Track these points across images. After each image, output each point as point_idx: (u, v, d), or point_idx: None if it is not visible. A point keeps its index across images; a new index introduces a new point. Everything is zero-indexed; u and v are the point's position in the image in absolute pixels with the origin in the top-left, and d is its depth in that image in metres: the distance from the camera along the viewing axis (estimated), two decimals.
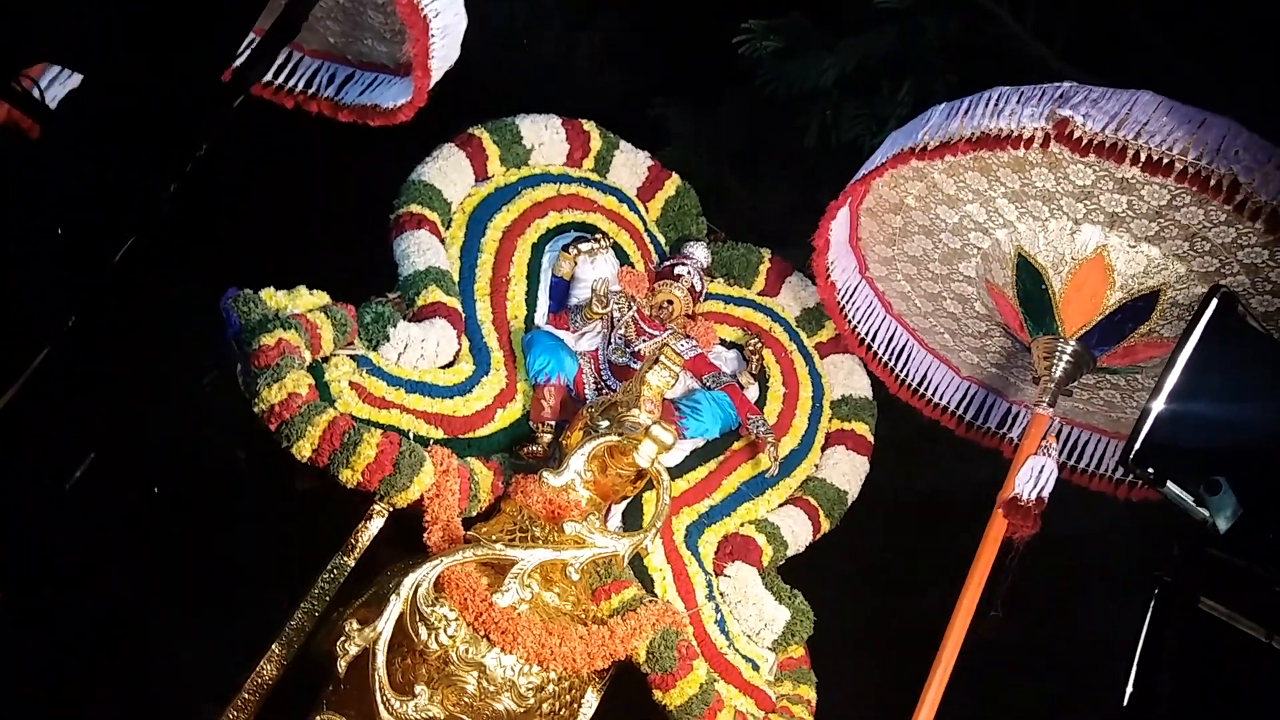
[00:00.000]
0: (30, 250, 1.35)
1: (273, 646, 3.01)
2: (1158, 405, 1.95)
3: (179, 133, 1.36)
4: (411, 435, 3.20)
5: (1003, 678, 4.12)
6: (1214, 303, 2.04)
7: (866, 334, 3.99)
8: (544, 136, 3.93)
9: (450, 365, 3.48)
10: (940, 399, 4.09)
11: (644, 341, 3.70)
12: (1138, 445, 1.93)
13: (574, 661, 2.98)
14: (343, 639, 2.79)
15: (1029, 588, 3.24)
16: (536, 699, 2.97)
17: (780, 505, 3.77)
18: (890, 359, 4.03)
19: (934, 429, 4.29)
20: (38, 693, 3.03)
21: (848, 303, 3.92)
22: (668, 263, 3.94)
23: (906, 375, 4.07)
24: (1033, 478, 2.99)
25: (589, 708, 3.16)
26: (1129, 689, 1.88)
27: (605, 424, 3.21)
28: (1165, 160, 2.67)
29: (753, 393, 3.90)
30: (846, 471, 3.87)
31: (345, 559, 3.12)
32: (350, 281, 3.43)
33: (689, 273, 3.87)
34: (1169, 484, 1.95)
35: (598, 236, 3.81)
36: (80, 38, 1.34)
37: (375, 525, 3.16)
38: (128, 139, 1.34)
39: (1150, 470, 1.95)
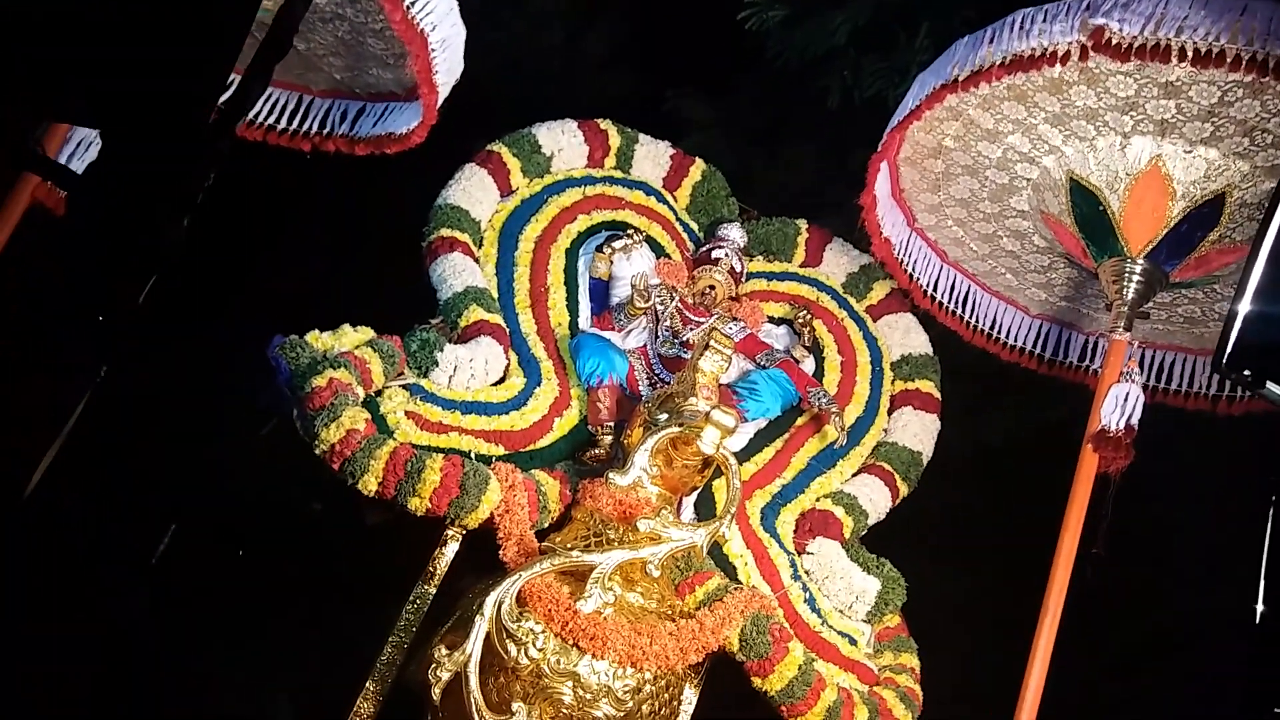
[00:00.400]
0: (58, 308, 1.35)
1: (367, 684, 3.02)
2: (1244, 305, 1.83)
3: (184, 165, 1.35)
4: (473, 455, 3.19)
5: (1108, 617, 3.99)
6: None
7: (928, 285, 3.91)
8: (562, 142, 3.92)
9: (501, 381, 3.47)
10: (1015, 340, 4.00)
11: (691, 330, 3.66)
12: (1229, 349, 1.82)
13: (667, 659, 2.93)
14: (434, 666, 2.78)
15: (1122, 523, 3.13)
16: (635, 701, 2.92)
17: (854, 475, 3.69)
18: (956, 307, 3.95)
19: (1000, 378, 4.17)
20: None
21: (904, 256, 3.84)
22: (704, 248, 3.90)
23: (976, 321, 3.98)
24: (1118, 406, 2.90)
25: (689, 704, 3.11)
26: (1258, 608, 1.77)
27: (664, 417, 3.16)
28: (1214, 52, 2.56)
29: (809, 365, 3.83)
30: (917, 431, 3.78)
31: (426, 587, 3.12)
32: (391, 312, 3.44)
33: (727, 255, 3.82)
34: (1269, 385, 1.83)
35: (630, 232, 3.78)
36: (77, 82, 1.35)
37: (451, 549, 3.15)
38: (136, 182, 1.34)
39: (1246, 373, 1.84)
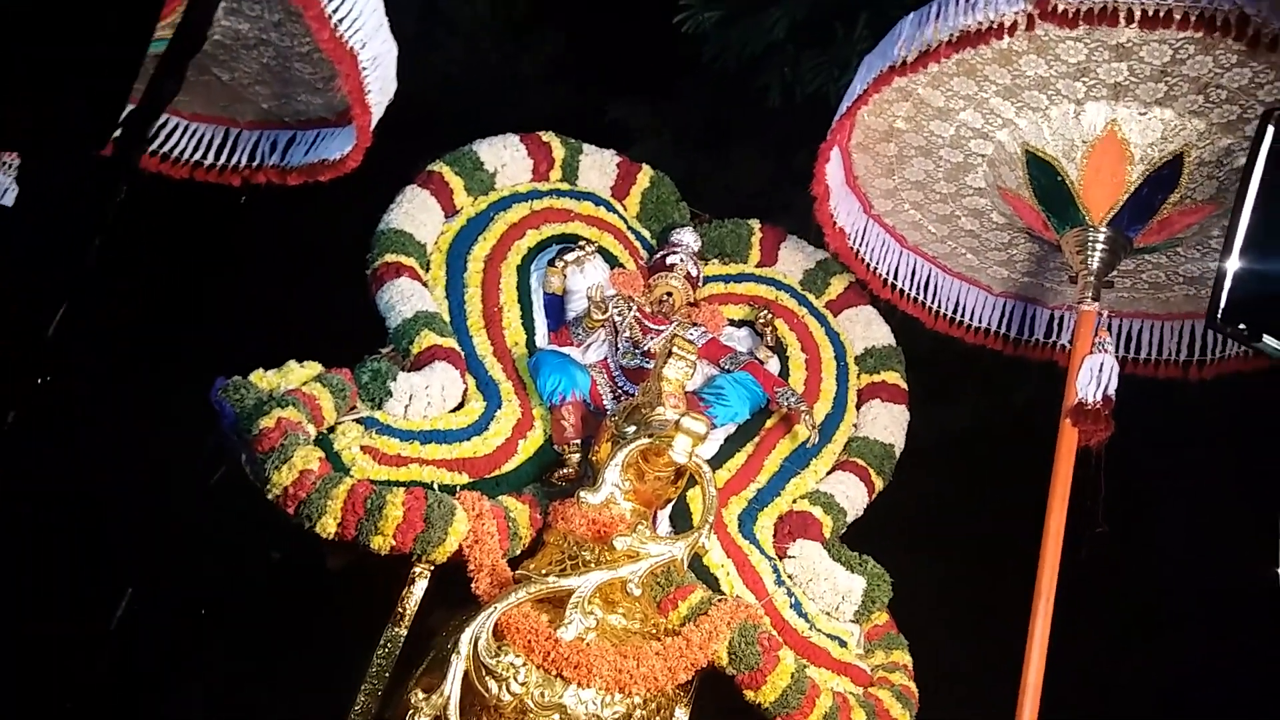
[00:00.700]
0: None
1: None
2: (1232, 262, 1.78)
3: (93, 182, 1.23)
4: (436, 486, 3.06)
5: (1093, 596, 3.95)
6: (1270, 130, 1.88)
7: (887, 273, 3.87)
8: (505, 157, 3.84)
9: (460, 407, 3.35)
10: (979, 322, 3.97)
11: (651, 339, 3.58)
12: (1222, 304, 1.77)
13: (655, 680, 2.82)
14: (411, 713, 2.66)
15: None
16: None
17: (828, 473, 3.63)
18: (918, 293, 3.91)
19: (964, 363, 4.15)
20: None
21: (861, 246, 3.81)
22: (658, 255, 3.84)
23: (938, 306, 3.94)
24: (1094, 378, 2.86)
25: None
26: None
27: (632, 429, 3.06)
28: (1163, 12, 2.54)
29: (774, 365, 3.77)
30: (887, 424, 3.73)
31: (396, 629, 2.98)
32: (338, 344, 3.32)
33: (682, 260, 3.76)
34: (1265, 338, 1.78)
35: (581, 244, 3.71)
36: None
37: (419, 588, 3.02)
38: (41, 203, 1.22)
39: (1242, 327, 1.79)
